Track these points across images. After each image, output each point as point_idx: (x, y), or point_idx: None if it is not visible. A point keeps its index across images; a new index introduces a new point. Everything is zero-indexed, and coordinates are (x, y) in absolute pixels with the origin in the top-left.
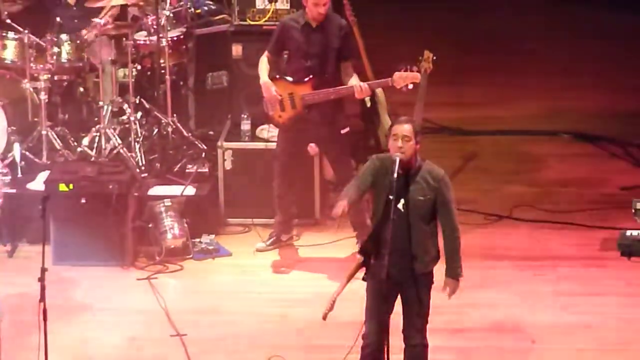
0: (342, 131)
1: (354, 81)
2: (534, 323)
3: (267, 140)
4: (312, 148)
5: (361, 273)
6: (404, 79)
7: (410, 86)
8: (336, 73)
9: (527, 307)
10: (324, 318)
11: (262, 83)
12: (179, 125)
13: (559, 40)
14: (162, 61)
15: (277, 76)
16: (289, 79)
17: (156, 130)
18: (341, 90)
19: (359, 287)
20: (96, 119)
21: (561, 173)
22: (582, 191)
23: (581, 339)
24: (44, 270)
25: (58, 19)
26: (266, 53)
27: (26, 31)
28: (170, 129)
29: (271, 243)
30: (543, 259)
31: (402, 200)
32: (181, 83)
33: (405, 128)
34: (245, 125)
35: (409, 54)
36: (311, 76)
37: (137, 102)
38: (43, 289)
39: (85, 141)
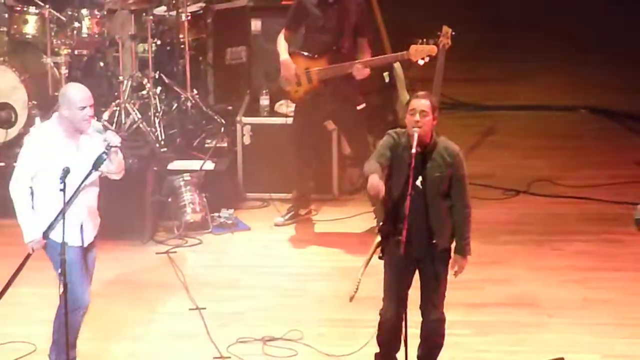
0: (358, 107)
1: (370, 55)
2: (551, 298)
3: (285, 115)
4: (330, 123)
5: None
6: (420, 52)
7: (427, 59)
8: (353, 48)
9: (544, 282)
10: (351, 300)
11: (282, 61)
12: (198, 100)
13: (577, 15)
14: (181, 36)
15: (294, 51)
16: (306, 54)
17: (175, 105)
18: (358, 64)
19: (377, 263)
20: (116, 93)
21: (578, 148)
22: (599, 166)
23: (598, 313)
24: (64, 244)
25: None
26: (283, 30)
27: (47, 6)
28: (189, 104)
29: (289, 217)
30: (560, 234)
31: (420, 177)
32: (200, 58)
33: (424, 103)
34: (264, 101)
35: (427, 29)
36: (327, 51)
37: (157, 77)
38: (63, 262)
39: (105, 116)
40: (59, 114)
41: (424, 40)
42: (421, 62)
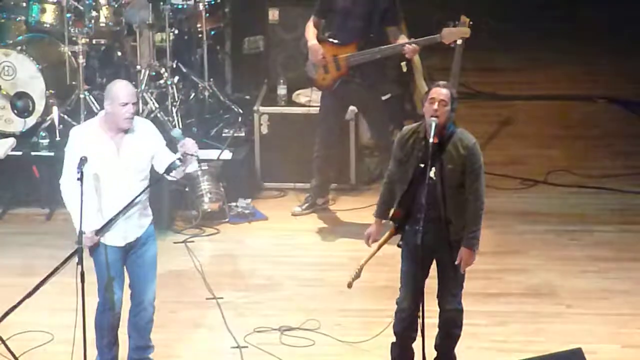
0: (384, 97)
1: (402, 40)
2: (569, 288)
3: (303, 105)
4: (348, 112)
5: (395, 239)
6: (453, 34)
7: (460, 41)
8: (382, 35)
9: (563, 272)
10: (349, 286)
11: (311, 46)
12: (215, 89)
13: (597, 3)
14: (199, 25)
15: (322, 38)
16: (334, 41)
17: (193, 94)
18: (387, 49)
19: (395, 252)
20: (133, 82)
21: (596, 138)
22: (618, 156)
23: (617, 304)
24: (81, 233)
25: None
26: (312, 17)
27: None
28: (207, 93)
29: (307, 207)
30: (579, 224)
31: (434, 168)
32: (218, 47)
33: (443, 92)
34: (282, 90)
35: (445, 19)
36: (356, 37)
37: (174, 66)
38: (81, 251)
39: None
40: (104, 110)
41: (456, 22)
42: (459, 41)
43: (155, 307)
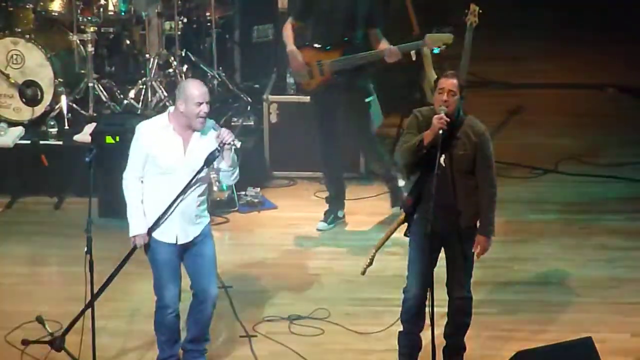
0: (367, 100)
1: (383, 45)
2: (579, 277)
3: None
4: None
5: (403, 229)
6: (436, 40)
7: (443, 47)
8: (365, 39)
9: (572, 261)
10: (363, 273)
11: (289, 52)
12: (224, 78)
13: None
14: (208, 14)
15: (304, 44)
16: (317, 46)
17: None
18: (369, 55)
19: (404, 241)
20: (142, 71)
21: (607, 127)
22: (628, 145)
23: (627, 292)
24: (90, 222)
25: None
26: (290, 19)
27: None
28: (216, 82)
29: (331, 221)
30: (588, 213)
31: (444, 155)
32: (227, 36)
33: (452, 82)
34: (291, 79)
35: (455, 6)
36: (339, 42)
37: (183, 54)
38: (89, 240)
39: (132, 94)
40: (174, 108)
41: (440, 28)
42: (436, 51)
43: (216, 303)
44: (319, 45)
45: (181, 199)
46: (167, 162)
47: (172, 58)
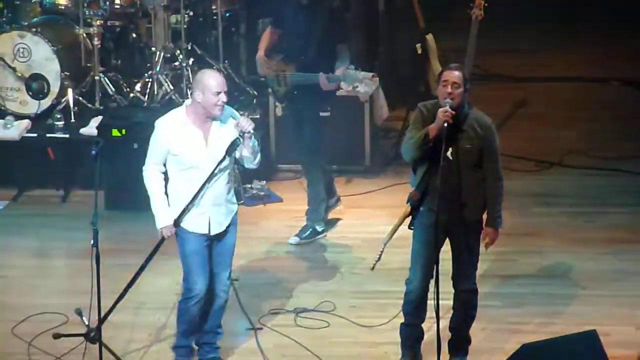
0: (322, 113)
1: (338, 65)
2: (584, 270)
3: None
4: (363, 96)
5: (408, 222)
6: (353, 78)
7: (357, 86)
8: (324, 56)
9: (577, 254)
10: (372, 268)
11: (257, 58)
12: (230, 71)
13: None
14: (214, 7)
15: (276, 52)
16: (280, 56)
17: None
18: (307, 78)
19: (408, 234)
20: (148, 64)
21: (611, 120)
22: (633, 138)
23: (632, 285)
24: (96, 215)
25: None
26: (269, 27)
27: None
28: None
29: (307, 236)
30: (593, 206)
31: (450, 149)
32: (233, 29)
33: (456, 74)
34: None
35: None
36: (295, 57)
37: (189, 48)
38: (96, 233)
39: (138, 87)
40: (192, 99)
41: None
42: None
43: (229, 295)
44: (282, 56)
45: (206, 188)
46: (191, 157)
47: (178, 51)
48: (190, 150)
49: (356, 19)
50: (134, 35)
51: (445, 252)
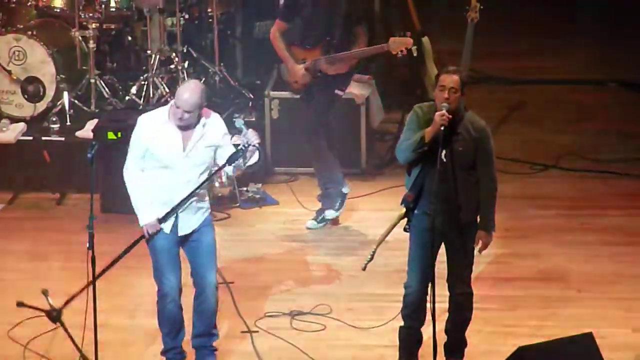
0: (336, 91)
1: (361, 45)
2: (580, 272)
3: None
4: (358, 97)
5: (403, 224)
6: (398, 43)
7: (405, 51)
8: (346, 38)
9: (573, 257)
10: (364, 269)
11: (291, 67)
12: (226, 74)
13: None
14: (209, 10)
15: (292, 42)
16: (301, 45)
17: (203, 79)
18: (343, 57)
19: (405, 237)
20: (144, 67)
21: (608, 122)
22: (629, 141)
23: (628, 288)
24: (92, 218)
25: None
26: (278, 21)
27: None
28: (217, 78)
29: (320, 220)
30: (589, 209)
31: (445, 151)
32: (229, 32)
33: (453, 79)
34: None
35: (457, 1)
36: (321, 41)
37: (185, 50)
38: (91, 236)
39: (133, 90)
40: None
41: (402, 32)
42: (400, 54)
43: (218, 296)
44: (303, 45)
45: (177, 190)
46: (166, 157)
47: (174, 54)
48: (167, 152)
49: None
50: (130, 38)
51: (441, 254)
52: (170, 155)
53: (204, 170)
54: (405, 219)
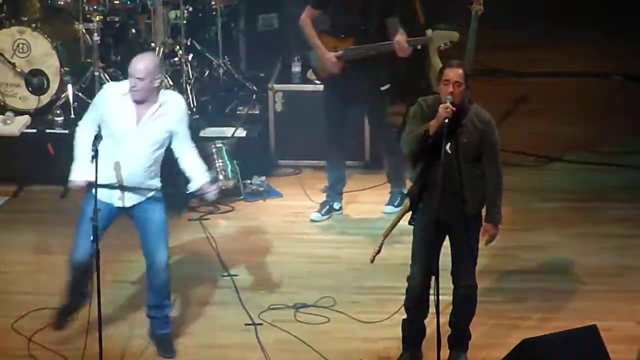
0: (382, 88)
1: (399, 37)
2: (585, 265)
3: (318, 83)
4: None
5: (408, 216)
6: (442, 36)
7: (448, 44)
8: (381, 28)
9: (578, 249)
10: (372, 261)
11: (321, 54)
12: (230, 67)
13: None
14: (213, 3)
15: (323, 30)
16: (333, 33)
17: (207, 72)
18: (381, 46)
19: (409, 229)
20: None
21: (612, 115)
22: (633, 133)
23: (632, 281)
24: (96, 211)
25: None
26: (308, 8)
27: None
28: (221, 71)
29: (325, 212)
30: (594, 201)
31: (450, 143)
32: (232, 25)
33: (458, 72)
34: (296, 67)
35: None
36: (355, 30)
37: (189, 43)
38: (95, 229)
39: None
40: None
41: (451, 24)
42: (442, 47)
43: (169, 270)
44: (336, 33)
45: (123, 163)
46: (118, 128)
47: (178, 47)
48: (120, 125)
49: None
50: (134, 30)
51: (446, 247)
52: (122, 127)
53: (155, 149)
54: (411, 212)
